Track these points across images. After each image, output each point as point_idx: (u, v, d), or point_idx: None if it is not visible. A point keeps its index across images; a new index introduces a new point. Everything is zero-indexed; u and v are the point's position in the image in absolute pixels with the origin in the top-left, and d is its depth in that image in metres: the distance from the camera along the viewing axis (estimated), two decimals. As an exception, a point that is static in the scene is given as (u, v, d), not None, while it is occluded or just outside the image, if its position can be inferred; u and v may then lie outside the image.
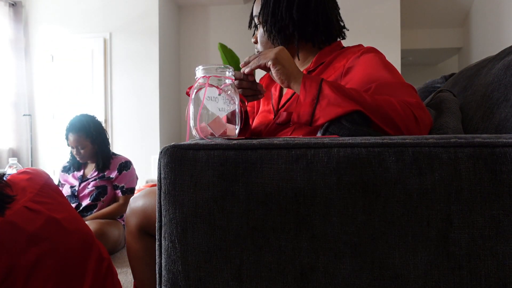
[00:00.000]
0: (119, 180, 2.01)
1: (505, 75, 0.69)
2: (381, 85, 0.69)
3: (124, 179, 2.02)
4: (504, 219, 0.44)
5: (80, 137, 1.93)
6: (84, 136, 1.94)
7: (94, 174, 1.99)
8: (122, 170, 2.01)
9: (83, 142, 1.94)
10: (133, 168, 2.07)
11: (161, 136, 4.27)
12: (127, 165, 2.04)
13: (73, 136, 1.93)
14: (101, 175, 1.97)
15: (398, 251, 0.45)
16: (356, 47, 0.83)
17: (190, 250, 0.48)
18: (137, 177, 2.10)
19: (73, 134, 1.93)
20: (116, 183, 2.01)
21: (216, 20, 4.86)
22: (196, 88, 0.63)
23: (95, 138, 1.97)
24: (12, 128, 4.14)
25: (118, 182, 2.01)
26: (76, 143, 1.93)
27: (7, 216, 0.80)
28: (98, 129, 2.00)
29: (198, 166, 0.48)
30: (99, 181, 1.96)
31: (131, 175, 2.05)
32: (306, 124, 0.64)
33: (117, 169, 2.00)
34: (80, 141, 1.93)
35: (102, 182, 1.96)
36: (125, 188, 2.01)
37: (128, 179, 2.03)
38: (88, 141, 1.95)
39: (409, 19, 4.90)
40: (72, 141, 1.93)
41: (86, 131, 1.95)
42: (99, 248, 1.01)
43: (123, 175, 2.01)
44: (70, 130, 1.94)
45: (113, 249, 1.87)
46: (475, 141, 0.45)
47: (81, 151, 1.95)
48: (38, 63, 4.37)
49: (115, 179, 2.00)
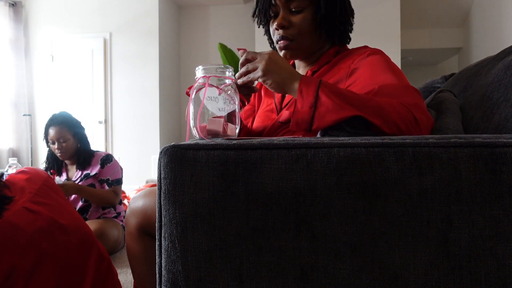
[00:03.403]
0: (104, 174, 1.99)
1: (505, 75, 0.69)
2: (384, 87, 0.69)
3: (108, 172, 1.99)
4: (504, 219, 0.44)
5: (62, 129, 1.90)
6: (66, 129, 1.91)
7: (79, 175, 1.96)
8: (104, 164, 1.99)
9: (66, 135, 1.91)
10: (115, 160, 2.05)
11: (161, 136, 4.27)
12: (109, 158, 2.02)
13: (54, 128, 1.90)
14: (85, 173, 1.95)
15: (398, 251, 0.45)
16: (362, 49, 0.83)
17: (190, 250, 0.48)
18: (121, 168, 2.08)
19: (55, 127, 1.90)
20: (102, 177, 1.98)
21: (216, 20, 4.86)
22: (196, 88, 0.63)
23: (77, 131, 1.96)
24: (12, 128, 4.14)
25: (103, 175, 1.99)
26: (58, 136, 1.90)
27: (6, 217, 0.80)
28: (79, 124, 2.00)
29: (198, 166, 0.48)
30: (85, 180, 1.94)
31: (114, 167, 2.03)
32: (305, 131, 0.64)
33: (99, 164, 1.98)
34: (63, 133, 1.90)
35: (89, 181, 1.95)
36: (110, 181, 2.00)
37: (112, 171, 2.01)
38: (70, 135, 1.93)
39: (409, 19, 4.90)
40: (54, 134, 1.90)
41: (68, 124, 1.93)
42: (99, 248, 1.01)
43: (107, 168, 1.99)
44: (52, 124, 1.91)
45: (113, 249, 1.87)
46: (475, 141, 0.45)
47: (63, 144, 1.91)
48: (38, 63, 4.37)
49: (99, 174, 1.97)
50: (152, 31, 4.20)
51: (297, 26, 0.84)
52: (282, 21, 0.84)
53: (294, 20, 0.84)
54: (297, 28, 0.84)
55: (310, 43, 0.86)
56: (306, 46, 0.86)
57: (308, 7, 0.83)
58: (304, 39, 0.85)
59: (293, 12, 0.84)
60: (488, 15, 4.30)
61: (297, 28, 0.84)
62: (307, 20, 0.84)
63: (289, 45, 0.85)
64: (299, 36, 0.84)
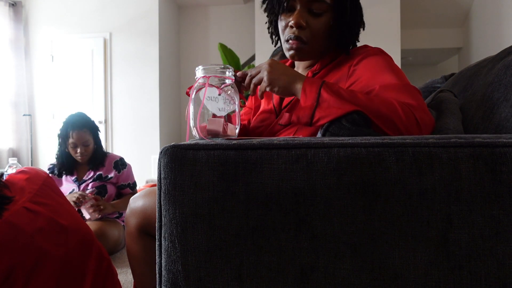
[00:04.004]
0: (123, 179, 2.02)
1: (505, 75, 0.69)
2: (385, 87, 0.69)
3: (127, 177, 2.04)
4: (504, 219, 0.44)
5: (85, 133, 1.89)
6: (88, 132, 1.90)
7: (91, 175, 1.95)
8: (120, 169, 2.00)
9: (89, 139, 1.90)
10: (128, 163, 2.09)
11: (161, 136, 4.27)
12: (123, 163, 2.04)
13: (78, 133, 1.86)
14: (98, 174, 1.95)
15: (398, 251, 0.45)
16: (363, 48, 0.82)
17: (190, 250, 0.48)
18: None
19: (79, 131, 1.86)
20: (122, 183, 2.02)
21: (216, 20, 4.86)
22: (196, 88, 0.63)
23: (96, 134, 1.97)
24: (12, 128, 4.14)
25: (123, 181, 2.02)
26: (81, 140, 1.87)
27: (6, 217, 0.80)
28: (96, 125, 2.00)
29: (198, 166, 0.48)
30: (98, 181, 1.95)
31: (130, 170, 2.07)
32: (306, 125, 0.65)
33: (114, 168, 1.99)
34: (86, 137, 1.89)
35: (101, 182, 1.96)
36: (131, 184, 2.07)
37: (130, 175, 2.07)
38: (92, 138, 1.93)
39: (409, 19, 4.90)
40: (77, 138, 1.86)
41: (89, 127, 1.92)
42: (99, 248, 1.01)
43: (125, 174, 2.02)
44: (74, 128, 1.86)
45: (113, 249, 1.86)
46: (475, 141, 0.45)
47: (85, 148, 1.89)
48: (38, 63, 4.37)
49: (116, 179, 1.99)
50: (152, 31, 4.20)
51: (314, 29, 0.80)
52: (300, 20, 0.78)
53: (312, 22, 0.80)
54: (314, 31, 0.80)
55: (321, 48, 0.83)
56: (317, 50, 0.83)
57: (327, 12, 0.80)
58: (317, 43, 0.81)
59: (312, 13, 0.80)
60: (488, 15, 4.30)
61: (314, 31, 0.80)
62: (325, 25, 0.80)
63: (301, 47, 0.81)
64: (313, 39, 0.81)
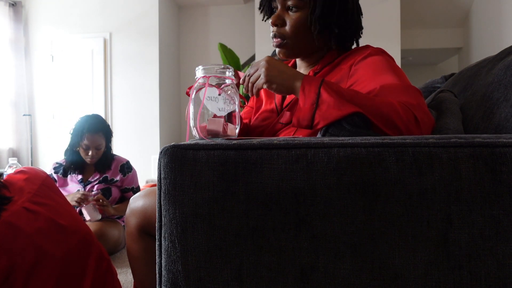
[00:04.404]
0: (128, 183, 2.03)
1: (505, 75, 0.69)
2: (385, 87, 0.69)
3: (131, 181, 2.04)
4: (504, 219, 0.44)
5: (99, 137, 1.90)
6: (102, 135, 1.91)
7: (97, 177, 1.95)
8: (126, 172, 2.01)
9: (102, 142, 1.91)
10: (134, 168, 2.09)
11: (161, 136, 4.27)
12: (130, 166, 2.05)
13: (93, 136, 1.86)
14: (104, 176, 1.95)
15: (398, 251, 0.45)
16: (364, 48, 0.82)
17: (190, 250, 0.48)
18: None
19: (94, 135, 1.86)
20: (126, 186, 2.03)
21: (216, 20, 4.86)
22: (196, 88, 0.63)
23: (109, 137, 1.98)
24: (12, 128, 4.14)
25: (127, 184, 2.03)
26: (95, 144, 1.88)
27: (5, 218, 0.80)
28: (111, 129, 2.01)
29: (198, 166, 0.48)
30: (103, 184, 1.95)
31: (135, 174, 2.08)
32: (307, 128, 0.64)
33: (120, 171, 1.99)
34: (100, 141, 1.90)
35: (106, 185, 1.96)
36: (135, 188, 2.07)
37: (135, 179, 2.07)
38: (104, 141, 1.94)
39: (409, 19, 4.90)
40: (91, 142, 1.87)
41: (104, 131, 1.93)
42: (99, 248, 1.01)
43: (130, 178, 2.03)
44: (89, 131, 1.86)
45: (113, 250, 1.86)
46: (475, 141, 0.45)
47: (97, 151, 1.90)
48: (38, 63, 4.37)
49: (121, 182, 2.00)
50: (152, 31, 4.20)
51: (291, 25, 0.82)
52: (275, 19, 0.83)
53: (290, 19, 0.83)
54: (290, 28, 0.83)
55: (304, 44, 0.84)
56: (300, 46, 0.85)
57: (304, 8, 0.82)
58: (297, 40, 0.83)
59: (290, 10, 0.83)
60: (488, 15, 4.30)
61: (290, 28, 0.83)
62: (301, 21, 0.82)
63: (281, 44, 0.84)
64: (291, 35, 0.83)
